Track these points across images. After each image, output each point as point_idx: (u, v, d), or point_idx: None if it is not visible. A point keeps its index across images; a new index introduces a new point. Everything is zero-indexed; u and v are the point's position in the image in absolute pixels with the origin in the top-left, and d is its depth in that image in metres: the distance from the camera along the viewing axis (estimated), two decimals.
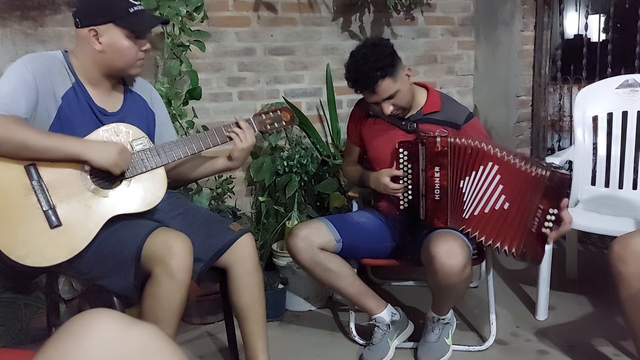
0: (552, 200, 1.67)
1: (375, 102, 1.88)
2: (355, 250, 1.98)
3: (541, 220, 1.70)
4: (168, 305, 1.44)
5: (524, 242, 1.75)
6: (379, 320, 1.97)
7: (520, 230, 1.75)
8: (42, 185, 1.45)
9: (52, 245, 1.43)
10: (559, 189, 1.67)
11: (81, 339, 0.71)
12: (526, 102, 3.04)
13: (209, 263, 1.64)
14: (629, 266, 1.47)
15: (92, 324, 0.72)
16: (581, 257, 2.57)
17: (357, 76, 1.83)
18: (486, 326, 2.06)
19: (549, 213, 1.68)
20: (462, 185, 1.80)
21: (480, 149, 1.77)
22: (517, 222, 1.76)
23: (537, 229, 1.72)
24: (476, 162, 1.78)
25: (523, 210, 1.74)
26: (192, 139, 1.64)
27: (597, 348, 1.98)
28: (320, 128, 2.84)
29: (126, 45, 1.54)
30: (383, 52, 1.81)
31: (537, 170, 1.71)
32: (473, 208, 1.80)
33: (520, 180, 1.74)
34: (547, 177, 1.68)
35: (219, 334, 2.12)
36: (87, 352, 0.69)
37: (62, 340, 0.71)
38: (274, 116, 1.76)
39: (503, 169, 1.76)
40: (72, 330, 0.72)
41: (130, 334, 0.74)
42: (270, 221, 2.54)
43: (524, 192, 1.74)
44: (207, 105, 2.59)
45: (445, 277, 1.72)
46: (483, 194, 1.79)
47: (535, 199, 1.70)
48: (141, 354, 0.73)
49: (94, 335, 0.71)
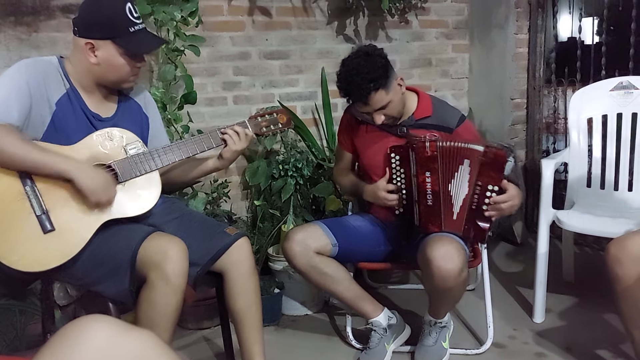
0: (489, 177, 1.73)
1: (367, 112, 1.86)
2: (352, 253, 1.97)
3: (480, 198, 1.76)
4: (163, 310, 1.43)
5: (466, 221, 1.80)
6: (376, 324, 1.96)
7: (463, 208, 1.79)
8: (35, 190, 1.44)
9: (45, 250, 1.42)
10: (494, 165, 1.72)
11: (76, 345, 0.70)
12: (521, 105, 3.06)
13: (205, 267, 1.63)
14: (625, 268, 1.48)
15: (87, 330, 0.71)
16: (577, 259, 2.57)
17: (350, 87, 1.79)
18: (483, 329, 2.06)
19: (488, 189, 1.74)
20: (450, 188, 1.81)
21: (461, 148, 1.78)
22: (463, 202, 1.79)
23: (478, 206, 1.77)
24: (457, 162, 1.79)
25: (467, 189, 1.78)
26: (187, 142, 1.63)
27: (594, 350, 1.98)
28: (315, 131, 2.84)
29: (121, 62, 1.53)
30: (376, 63, 1.78)
31: (477, 147, 1.75)
32: (457, 207, 1.81)
33: (466, 158, 1.77)
34: (482, 153, 1.72)
35: (215, 339, 2.11)
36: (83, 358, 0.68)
37: (57, 347, 0.70)
38: (270, 118, 1.75)
39: (470, 157, 1.78)
40: (67, 336, 0.71)
41: (126, 340, 0.73)
42: (266, 225, 2.54)
43: (469, 171, 1.77)
44: (203, 110, 2.59)
45: (442, 280, 1.72)
46: (463, 191, 1.80)
47: (473, 176, 1.76)
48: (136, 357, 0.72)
49: (89, 341, 0.70)
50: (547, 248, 2.17)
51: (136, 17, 1.53)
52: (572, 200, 2.36)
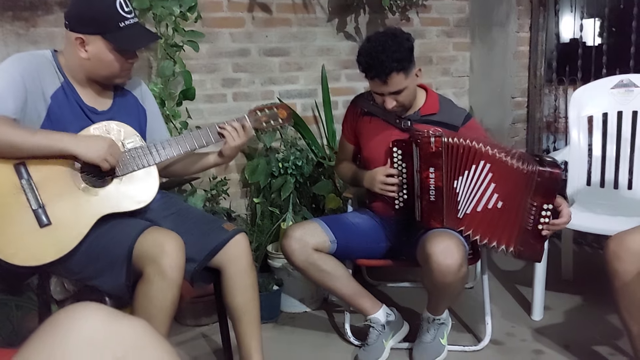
0: (544, 197, 1.67)
1: (380, 94, 1.85)
2: (350, 250, 1.97)
3: (536, 218, 1.70)
4: (160, 305, 1.42)
5: (520, 241, 1.75)
6: (374, 321, 1.96)
7: (516, 228, 1.75)
8: (32, 184, 1.44)
9: (42, 245, 1.42)
10: (550, 185, 1.67)
11: (67, 331, 0.69)
12: (522, 104, 3.05)
13: (203, 263, 1.62)
14: (624, 263, 1.47)
15: (79, 317, 0.71)
16: (577, 257, 2.56)
17: (373, 62, 1.77)
18: (481, 326, 2.05)
19: (543, 209, 1.68)
20: (456, 185, 1.79)
21: (472, 147, 1.76)
22: (512, 220, 1.76)
23: (533, 227, 1.72)
24: (468, 160, 1.77)
25: (517, 209, 1.74)
26: (185, 137, 1.63)
27: (592, 347, 1.97)
28: (315, 129, 2.84)
29: (111, 58, 1.52)
30: (403, 45, 1.78)
31: (528, 167, 1.70)
32: (466, 207, 1.80)
33: (512, 178, 1.74)
34: (537, 173, 1.67)
35: (213, 335, 2.11)
36: (73, 345, 0.68)
37: (47, 334, 0.70)
38: (270, 113, 1.74)
39: (495, 167, 1.76)
40: (58, 323, 0.70)
41: (118, 328, 0.73)
42: (266, 223, 2.53)
43: (517, 190, 1.73)
44: (202, 107, 2.58)
45: (442, 276, 1.71)
46: (475, 193, 1.78)
47: (528, 197, 1.70)
48: (129, 347, 0.71)
49: (81, 328, 0.69)
50: (546, 246, 2.16)
51: (127, 11, 1.51)
52: (572, 198, 2.35)
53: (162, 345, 0.77)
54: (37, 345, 0.69)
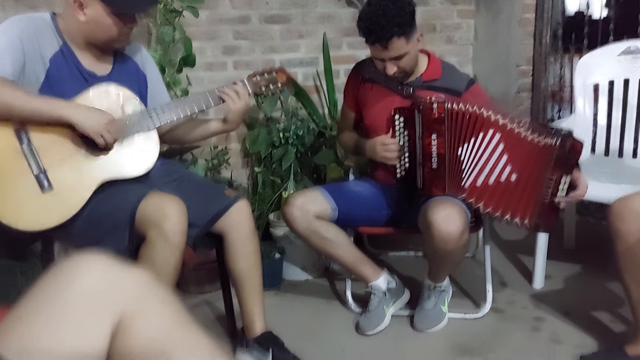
0: (563, 169, 1.65)
1: (381, 59, 1.82)
2: (352, 218, 1.97)
3: (554, 190, 1.68)
4: (163, 268, 1.42)
5: (536, 214, 1.74)
6: (375, 288, 1.97)
7: (532, 201, 1.74)
8: (32, 149, 1.43)
9: (44, 210, 1.42)
10: (570, 157, 1.65)
11: (68, 281, 0.69)
12: (526, 72, 3.00)
13: (205, 228, 1.62)
14: (627, 224, 1.48)
15: (80, 266, 0.70)
16: (579, 227, 2.56)
17: (373, 27, 1.73)
18: (482, 294, 2.06)
19: (561, 182, 1.66)
20: (460, 152, 1.78)
21: (480, 115, 1.74)
22: (528, 194, 1.74)
23: (550, 199, 1.70)
24: (475, 128, 1.75)
25: (533, 183, 1.72)
26: (185, 101, 1.61)
27: (592, 314, 1.98)
28: (316, 99, 2.81)
29: (109, 22, 1.49)
30: (404, 9, 1.75)
31: (545, 139, 1.68)
32: (474, 177, 1.78)
33: (526, 150, 1.72)
34: (557, 146, 1.65)
35: (216, 302, 2.12)
36: (74, 295, 0.67)
37: (48, 283, 0.69)
38: (269, 77, 1.72)
39: (506, 137, 1.73)
40: (59, 273, 0.70)
41: (121, 277, 0.72)
42: (267, 191, 2.53)
43: (533, 163, 1.71)
44: (202, 75, 2.55)
45: (443, 243, 1.71)
46: (485, 163, 1.76)
47: (546, 171, 1.68)
48: (132, 297, 0.71)
49: (82, 278, 0.69)
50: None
51: None
52: None
53: (165, 294, 0.76)
54: (37, 295, 0.69)
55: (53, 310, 0.68)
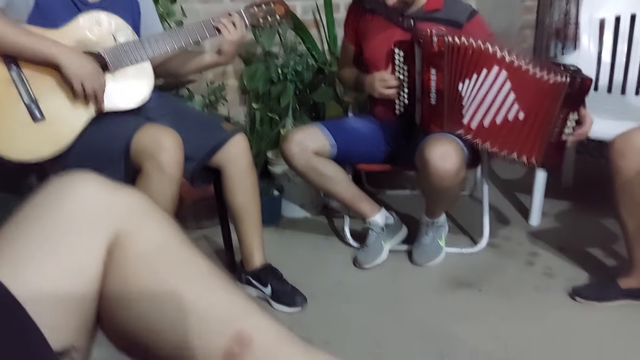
0: (571, 106, 1.63)
1: None
2: (350, 154, 1.96)
3: (561, 129, 1.66)
4: (159, 200, 1.41)
5: (543, 152, 1.72)
6: (373, 224, 1.98)
7: (539, 140, 1.71)
8: (22, 77, 1.39)
9: (37, 140, 1.40)
10: (579, 95, 1.61)
11: (60, 200, 0.67)
12: (531, 8, 2.92)
13: (202, 162, 1.61)
14: (628, 160, 1.47)
15: (73, 185, 0.69)
16: (577, 165, 2.56)
17: None
18: (479, 230, 2.08)
19: (568, 119, 1.64)
20: (461, 88, 1.74)
21: (484, 51, 1.69)
22: (535, 132, 1.71)
23: (557, 138, 1.68)
24: (478, 64, 1.71)
25: (541, 121, 1.69)
26: (179, 32, 1.56)
27: (587, 250, 2.01)
28: (316, 34, 2.72)
29: None
30: None
31: (554, 77, 1.64)
32: (481, 117, 1.74)
33: (534, 88, 1.67)
34: (567, 84, 1.61)
35: (214, 237, 2.14)
36: (66, 214, 0.66)
37: (39, 202, 0.68)
38: (267, 9, 1.66)
39: (513, 75, 1.68)
40: (51, 191, 0.68)
41: (115, 197, 0.71)
42: (265, 128, 2.49)
43: (541, 101, 1.67)
44: (197, 7, 2.45)
45: (439, 180, 1.71)
46: (492, 103, 1.72)
47: (555, 108, 1.64)
48: (126, 216, 0.70)
49: (74, 197, 0.67)
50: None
51: None
52: None
53: (161, 215, 0.76)
54: (27, 214, 0.67)
55: (46, 229, 0.66)
